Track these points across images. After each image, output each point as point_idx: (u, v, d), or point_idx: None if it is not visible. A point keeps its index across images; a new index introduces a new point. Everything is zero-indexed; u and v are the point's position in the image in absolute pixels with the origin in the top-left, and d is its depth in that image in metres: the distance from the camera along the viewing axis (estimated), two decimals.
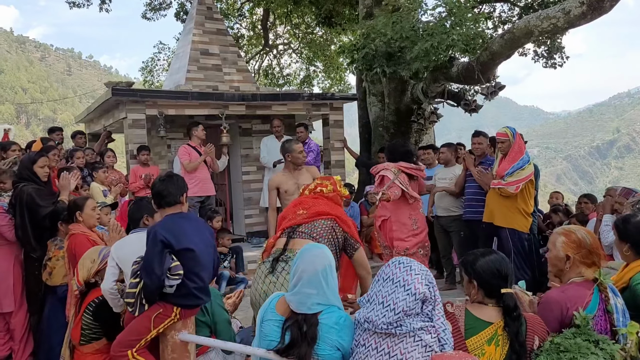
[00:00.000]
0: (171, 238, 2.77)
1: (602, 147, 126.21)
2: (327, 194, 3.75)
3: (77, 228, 3.90)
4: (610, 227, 4.59)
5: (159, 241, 2.74)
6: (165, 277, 2.71)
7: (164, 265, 2.70)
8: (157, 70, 16.39)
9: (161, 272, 2.69)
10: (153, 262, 2.70)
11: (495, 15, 11.40)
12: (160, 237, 2.75)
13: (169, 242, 2.76)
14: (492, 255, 2.35)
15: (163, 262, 2.70)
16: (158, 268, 2.68)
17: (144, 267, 2.76)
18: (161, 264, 2.69)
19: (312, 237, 3.38)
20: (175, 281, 2.74)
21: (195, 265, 2.83)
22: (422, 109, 8.91)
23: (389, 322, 2.02)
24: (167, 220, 2.91)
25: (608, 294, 2.47)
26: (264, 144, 7.81)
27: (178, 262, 2.76)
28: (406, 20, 7.19)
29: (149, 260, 2.73)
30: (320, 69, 17.32)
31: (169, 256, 2.75)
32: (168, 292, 2.77)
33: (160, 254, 2.72)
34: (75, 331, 3.39)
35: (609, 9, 5.92)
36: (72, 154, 6.62)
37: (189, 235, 2.86)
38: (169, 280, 2.72)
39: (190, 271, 2.80)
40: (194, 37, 8.47)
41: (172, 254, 2.77)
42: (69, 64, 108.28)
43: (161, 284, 2.71)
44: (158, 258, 2.71)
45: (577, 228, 2.67)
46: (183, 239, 2.81)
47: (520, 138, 5.60)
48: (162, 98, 7.25)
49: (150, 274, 2.69)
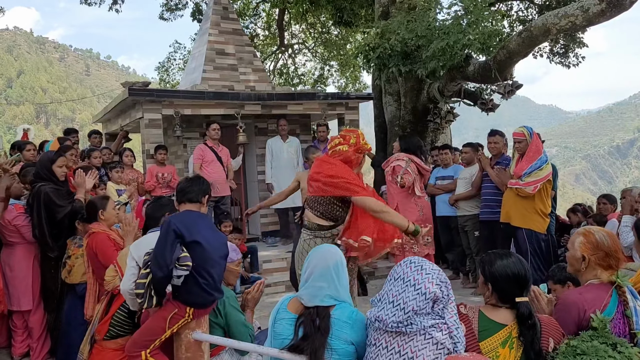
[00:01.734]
0: (183, 229, 2.79)
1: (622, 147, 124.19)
2: (343, 152, 3.88)
3: (97, 227, 3.94)
4: (629, 227, 4.53)
5: (171, 230, 2.76)
6: (174, 267, 2.73)
7: (174, 255, 2.72)
8: (173, 69, 16.52)
9: (171, 261, 2.70)
10: (164, 251, 2.71)
11: (512, 13, 11.28)
12: (174, 226, 2.77)
13: (181, 233, 2.78)
14: (510, 259, 2.29)
15: (173, 252, 2.72)
16: (168, 257, 2.70)
17: (154, 256, 2.76)
18: (171, 253, 2.71)
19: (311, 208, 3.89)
20: (183, 272, 2.74)
21: (206, 260, 2.84)
22: (439, 108, 8.85)
23: (399, 321, 2.02)
24: (183, 213, 2.96)
25: (627, 296, 2.43)
26: (268, 146, 7.87)
27: (187, 254, 2.77)
28: (422, 19, 7.14)
29: (159, 249, 2.75)
30: (336, 68, 17.31)
31: (179, 247, 2.77)
32: (175, 283, 2.78)
33: (172, 243, 2.74)
34: (102, 326, 3.44)
35: (629, 6, 5.82)
36: (89, 154, 6.69)
37: (202, 230, 2.88)
38: (176, 270, 2.73)
39: (200, 266, 2.81)
40: (210, 37, 8.52)
41: (183, 246, 2.80)
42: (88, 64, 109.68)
43: (169, 274, 2.72)
44: (169, 247, 2.72)
45: (597, 229, 2.62)
46: (195, 232, 2.83)
47: (537, 138, 5.54)
48: (179, 98, 7.30)
49: (160, 262, 2.70)
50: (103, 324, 3.50)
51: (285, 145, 7.87)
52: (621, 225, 4.72)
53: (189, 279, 2.77)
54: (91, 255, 3.88)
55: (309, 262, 2.35)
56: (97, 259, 3.82)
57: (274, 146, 7.86)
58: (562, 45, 10.33)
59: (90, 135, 7.87)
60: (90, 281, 3.93)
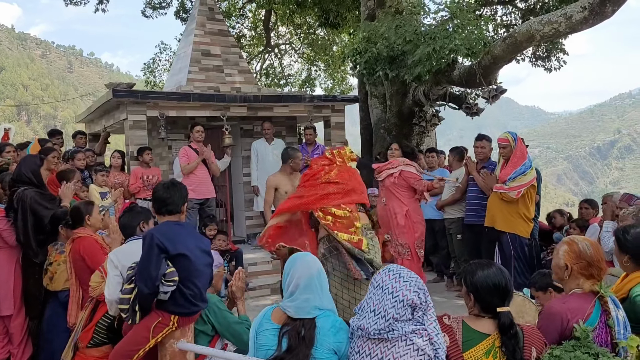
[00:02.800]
0: (167, 243, 2.75)
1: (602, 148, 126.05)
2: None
3: (83, 232, 3.90)
4: (610, 233, 4.59)
5: (155, 245, 2.72)
6: (160, 283, 2.70)
7: (160, 271, 2.69)
8: (158, 70, 16.38)
9: (157, 277, 2.67)
10: (149, 267, 2.68)
11: (496, 17, 11.38)
12: (157, 241, 2.73)
13: (164, 247, 2.73)
14: (491, 269, 2.31)
15: (159, 267, 2.69)
16: (154, 273, 2.66)
17: (139, 272, 2.73)
18: (157, 269, 2.68)
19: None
20: (170, 287, 2.72)
21: (191, 272, 2.82)
22: (424, 111, 8.91)
23: (381, 329, 2.07)
24: (164, 226, 2.90)
25: (609, 306, 2.46)
26: (253, 149, 7.84)
27: (173, 269, 2.74)
28: (408, 24, 7.17)
29: (144, 265, 2.71)
30: (322, 69, 17.32)
31: (164, 262, 2.73)
32: (162, 298, 2.75)
33: (157, 259, 2.70)
34: (86, 334, 3.41)
35: (611, 14, 5.91)
36: (72, 156, 6.61)
37: (185, 241, 2.85)
38: (163, 287, 2.70)
39: (186, 278, 2.79)
40: (195, 37, 8.46)
41: (168, 260, 2.76)
42: (70, 61, 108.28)
43: (156, 290, 2.70)
44: (154, 263, 2.69)
45: (581, 239, 2.65)
46: (179, 244, 2.79)
47: (521, 143, 5.60)
48: (163, 99, 7.24)
49: (146, 279, 2.67)
50: (87, 331, 3.47)
51: (271, 147, 7.84)
52: (602, 230, 4.79)
53: (175, 292, 2.75)
54: (77, 260, 3.83)
55: (292, 273, 2.34)
56: (84, 263, 3.77)
57: (259, 148, 7.84)
58: (544, 49, 10.44)
59: (75, 136, 7.78)
60: (73, 288, 3.89)
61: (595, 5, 5.88)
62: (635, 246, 2.86)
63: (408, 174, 5.59)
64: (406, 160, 5.72)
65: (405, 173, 5.59)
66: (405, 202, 5.65)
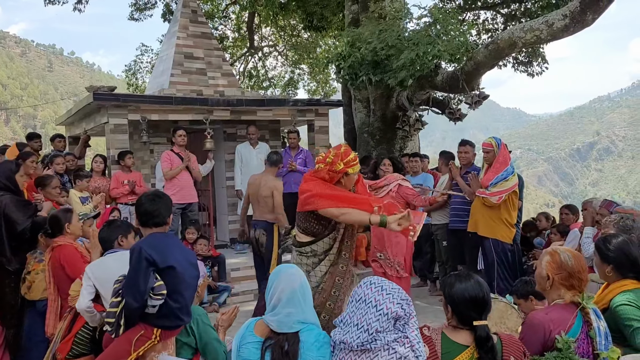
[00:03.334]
0: (156, 256, 2.71)
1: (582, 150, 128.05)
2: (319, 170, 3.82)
3: (63, 240, 3.84)
4: (590, 239, 4.66)
5: (143, 259, 2.68)
6: (149, 297, 2.66)
7: (148, 284, 2.65)
8: (140, 72, 16.21)
9: (145, 291, 2.63)
10: (138, 281, 2.64)
11: (479, 22, 11.48)
12: (145, 254, 2.69)
13: (153, 260, 2.70)
14: (470, 282, 2.30)
15: (147, 281, 2.65)
16: (142, 287, 2.63)
17: (127, 286, 2.69)
18: (145, 283, 2.64)
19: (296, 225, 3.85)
20: (158, 301, 2.68)
21: (179, 284, 2.78)
22: (407, 116, 8.93)
23: (364, 341, 2.07)
24: (152, 238, 2.85)
25: (591, 318, 2.49)
26: (238, 153, 7.80)
27: (162, 282, 2.70)
28: (392, 29, 7.19)
29: (132, 278, 2.67)
30: (306, 72, 17.29)
31: (152, 275, 2.69)
32: (150, 312, 2.72)
33: (145, 272, 2.66)
34: (65, 345, 3.36)
35: (591, 22, 5.99)
36: (52, 160, 6.50)
37: (173, 253, 2.81)
38: (151, 300, 2.67)
39: (173, 290, 2.75)
40: (178, 40, 8.39)
41: (156, 273, 2.72)
42: (51, 60, 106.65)
43: (144, 304, 2.66)
44: (143, 276, 2.65)
45: (564, 250, 2.67)
46: (167, 257, 2.76)
47: (505, 148, 5.64)
48: (145, 103, 7.16)
49: (134, 292, 2.63)
50: (65, 342, 3.41)
51: (255, 151, 7.80)
52: (583, 236, 4.84)
53: (161, 304, 2.71)
54: (56, 269, 3.76)
55: (275, 286, 2.31)
56: (64, 272, 3.71)
57: (244, 152, 7.79)
58: (526, 55, 10.57)
59: (54, 139, 7.65)
60: (52, 297, 3.81)
61: (575, 13, 5.96)
62: (617, 256, 2.89)
63: (406, 189, 5.57)
64: (400, 176, 5.71)
65: (403, 189, 5.57)
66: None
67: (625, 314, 2.71)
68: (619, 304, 2.75)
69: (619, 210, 4.69)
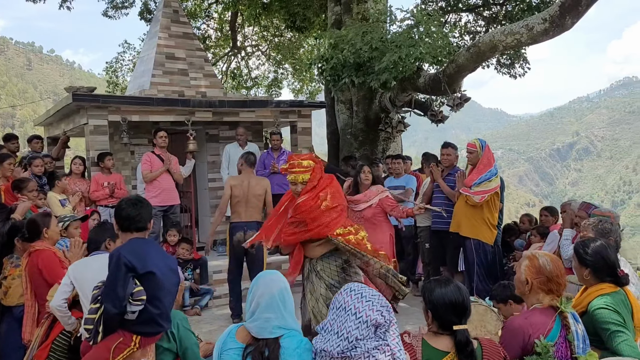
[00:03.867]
0: (135, 262, 2.68)
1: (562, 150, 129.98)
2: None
3: (41, 244, 3.78)
4: (569, 241, 4.71)
5: (122, 265, 2.65)
6: (128, 303, 2.63)
7: (127, 290, 2.62)
8: (122, 70, 16.03)
9: (124, 297, 2.60)
10: (116, 287, 2.61)
11: (461, 24, 11.57)
12: (124, 260, 2.66)
13: (133, 266, 2.67)
14: (449, 287, 2.32)
15: (126, 287, 2.62)
16: (121, 293, 2.60)
17: (105, 292, 2.66)
18: (124, 289, 2.61)
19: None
20: (138, 307, 2.66)
21: (159, 290, 2.75)
22: (390, 117, 8.96)
23: (344, 349, 2.06)
24: (132, 244, 2.82)
25: (569, 322, 2.52)
26: (226, 152, 7.74)
27: (141, 288, 2.67)
28: (375, 31, 7.21)
29: (111, 284, 2.64)
30: (290, 72, 17.25)
31: (132, 281, 2.66)
32: (129, 318, 2.68)
33: (124, 278, 2.63)
34: (42, 352, 3.32)
35: (570, 26, 6.06)
36: (30, 162, 6.39)
37: (153, 259, 2.78)
38: (130, 306, 2.64)
39: (153, 296, 2.72)
40: (159, 40, 8.29)
41: (136, 279, 2.69)
42: (29, 58, 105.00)
43: (123, 310, 2.63)
44: (122, 282, 2.62)
45: (542, 254, 2.70)
46: (147, 263, 2.73)
47: (489, 150, 5.68)
48: (126, 104, 7.06)
49: (113, 299, 2.60)
50: (43, 349, 3.37)
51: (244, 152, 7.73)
52: (562, 238, 4.90)
53: (141, 310, 2.68)
54: (34, 274, 3.70)
55: (254, 292, 2.30)
56: (42, 276, 3.66)
57: (232, 152, 7.71)
58: (508, 57, 10.67)
59: (31, 141, 7.52)
60: (29, 303, 3.74)
61: (555, 17, 6.03)
62: (595, 260, 2.92)
63: (385, 200, 5.57)
64: (379, 188, 5.69)
65: (383, 200, 5.57)
66: (386, 228, 5.70)
67: (602, 317, 2.74)
68: (597, 308, 2.79)
69: (596, 212, 4.74)
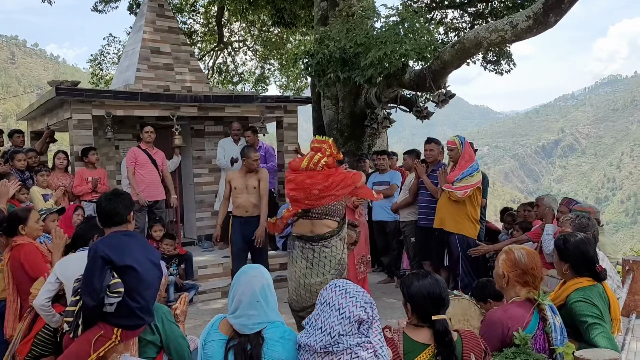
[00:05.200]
0: (112, 254, 2.68)
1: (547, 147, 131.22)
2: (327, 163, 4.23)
3: (22, 239, 3.77)
4: (551, 236, 4.78)
5: (99, 257, 2.65)
6: (105, 295, 2.63)
7: (104, 283, 2.62)
8: (106, 63, 15.87)
9: (101, 289, 2.60)
10: (92, 279, 2.61)
11: (446, 21, 11.63)
12: (101, 252, 2.66)
13: (109, 259, 2.67)
14: (427, 280, 2.35)
15: (103, 279, 2.62)
16: (97, 285, 2.60)
17: (83, 285, 2.66)
18: (101, 281, 2.61)
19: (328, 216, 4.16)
20: (115, 299, 2.65)
21: (139, 283, 2.74)
22: (376, 113, 8.99)
23: (327, 344, 2.08)
24: (110, 237, 2.82)
25: (547, 314, 2.56)
26: (220, 147, 7.71)
27: (119, 280, 2.67)
28: (360, 27, 7.22)
29: (88, 277, 2.64)
30: (276, 67, 17.21)
31: (109, 273, 2.66)
32: (108, 310, 2.68)
33: (101, 270, 2.63)
34: (24, 346, 3.31)
35: (554, 23, 6.13)
36: (12, 156, 6.32)
37: (132, 252, 2.78)
38: (108, 298, 2.63)
39: (133, 290, 2.71)
40: (144, 34, 8.23)
41: (114, 271, 2.69)
42: (13, 52, 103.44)
43: (100, 302, 2.63)
44: (98, 275, 2.62)
45: (518, 247, 2.75)
46: (125, 256, 2.72)
47: (469, 147, 5.76)
48: (110, 98, 7.00)
49: (90, 291, 2.60)
50: (25, 343, 3.36)
51: (238, 148, 7.68)
52: (544, 233, 4.96)
53: (120, 304, 2.67)
54: (16, 268, 3.68)
55: (235, 289, 2.30)
56: (24, 271, 3.64)
57: (227, 147, 7.67)
58: (493, 54, 10.75)
59: (12, 135, 7.42)
60: (11, 298, 3.72)
61: (539, 14, 6.09)
62: (574, 255, 2.99)
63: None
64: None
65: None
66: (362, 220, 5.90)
67: (580, 310, 2.80)
68: (575, 301, 2.85)
69: (577, 208, 4.82)
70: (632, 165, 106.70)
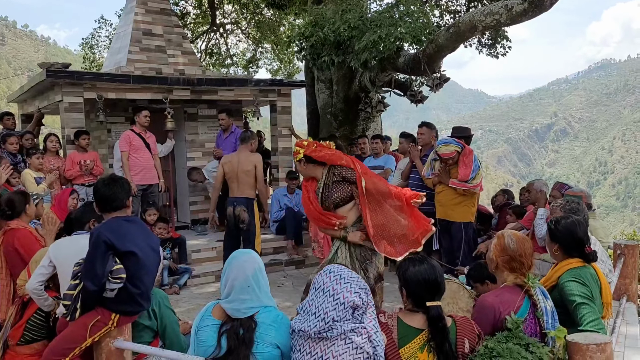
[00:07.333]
0: (115, 240, 2.68)
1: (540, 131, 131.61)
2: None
3: (17, 223, 3.76)
4: (544, 220, 4.81)
5: (101, 242, 2.66)
6: (107, 280, 2.63)
7: (106, 268, 2.62)
8: (98, 46, 15.65)
9: (102, 274, 2.60)
10: (95, 264, 2.62)
11: (441, 3, 11.51)
12: (104, 237, 2.67)
13: (112, 244, 2.67)
14: (423, 265, 2.36)
15: (105, 264, 2.62)
16: (100, 270, 2.60)
17: (85, 269, 2.67)
18: (103, 266, 2.61)
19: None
20: (117, 285, 2.66)
21: (139, 269, 2.75)
22: (370, 97, 8.95)
23: (321, 329, 2.08)
24: (112, 222, 2.82)
25: (537, 298, 2.58)
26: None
27: (121, 265, 2.67)
28: (354, 10, 7.15)
29: (90, 262, 2.65)
30: (269, 50, 17.05)
31: (111, 258, 2.66)
32: (108, 296, 2.68)
33: (103, 255, 2.64)
34: (16, 331, 3.32)
35: (549, 7, 6.10)
36: (4, 139, 6.25)
37: (134, 238, 2.78)
38: (109, 284, 2.64)
39: (133, 275, 2.72)
40: (136, 16, 8.12)
41: (116, 257, 2.69)
42: (3, 33, 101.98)
43: (102, 287, 2.63)
44: (100, 260, 2.62)
45: (509, 233, 2.75)
46: (127, 241, 2.73)
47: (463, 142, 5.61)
48: (102, 81, 6.93)
49: (92, 276, 2.61)
50: (17, 328, 3.38)
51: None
52: (536, 217, 4.99)
53: (120, 289, 2.67)
54: (10, 253, 3.69)
55: (227, 274, 2.30)
56: (18, 255, 3.65)
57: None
58: (489, 37, 10.67)
59: (2, 118, 7.34)
60: (4, 282, 3.73)
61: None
62: (564, 235, 3.03)
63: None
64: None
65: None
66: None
67: (570, 289, 2.84)
68: (566, 281, 2.90)
69: (569, 192, 4.85)
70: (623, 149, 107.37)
